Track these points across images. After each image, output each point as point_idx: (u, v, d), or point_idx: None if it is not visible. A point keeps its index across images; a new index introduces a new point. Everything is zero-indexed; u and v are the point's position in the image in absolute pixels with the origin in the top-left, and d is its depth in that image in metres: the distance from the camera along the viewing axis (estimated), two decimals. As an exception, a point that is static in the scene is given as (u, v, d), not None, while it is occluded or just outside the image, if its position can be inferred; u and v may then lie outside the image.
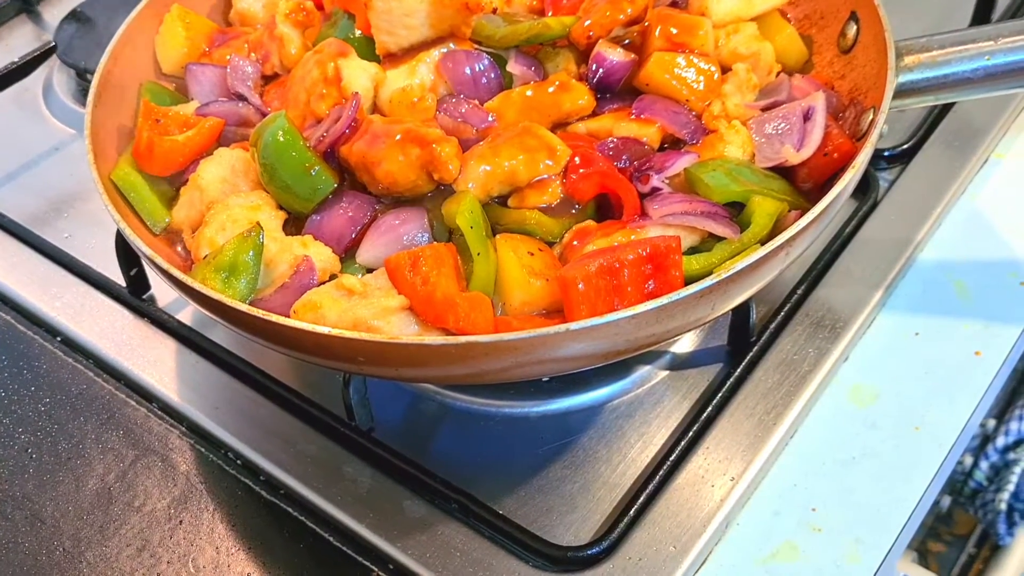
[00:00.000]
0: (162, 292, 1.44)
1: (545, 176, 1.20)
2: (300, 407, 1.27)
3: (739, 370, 1.25)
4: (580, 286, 1.04)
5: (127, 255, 1.40)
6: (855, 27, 1.32)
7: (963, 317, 1.33)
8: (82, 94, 1.76)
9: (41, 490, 1.23)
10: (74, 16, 1.82)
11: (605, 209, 1.22)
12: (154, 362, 1.36)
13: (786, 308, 1.32)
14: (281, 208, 1.24)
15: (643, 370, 1.30)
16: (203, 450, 1.25)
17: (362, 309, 1.07)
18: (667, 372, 1.29)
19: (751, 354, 1.27)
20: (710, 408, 1.22)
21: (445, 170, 1.18)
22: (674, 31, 1.30)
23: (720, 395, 1.23)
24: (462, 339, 0.99)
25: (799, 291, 1.34)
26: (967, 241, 1.42)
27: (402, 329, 1.07)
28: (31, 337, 1.40)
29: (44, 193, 1.61)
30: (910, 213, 1.43)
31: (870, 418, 1.24)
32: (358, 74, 1.30)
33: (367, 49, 1.35)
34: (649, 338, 1.05)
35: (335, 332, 1.01)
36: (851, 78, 1.30)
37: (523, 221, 1.18)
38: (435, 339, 1.00)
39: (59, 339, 1.40)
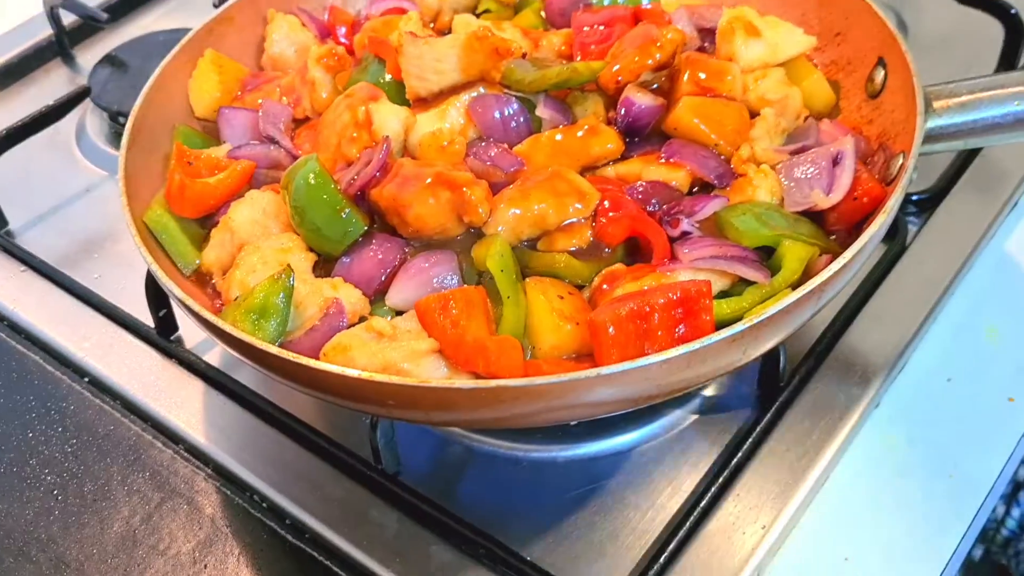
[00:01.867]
0: (190, 333, 1.43)
1: (575, 220, 1.19)
2: (327, 450, 1.26)
3: (769, 415, 1.23)
4: (610, 330, 1.03)
5: (156, 296, 1.39)
6: (883, 72, 1.31)
7: (995, 362, 1.30)
8: (115, 137, 1.76)
9: (66, 532, 1.22)
10: (108, 60, 1.84)
11: (634, 252, 1.21)
12: (181, 404, 1.34)
13: (816, 352, 1.30)
14: (311, 250, 1.23)
15: (672, 415, 1.28)
16: (229, 493, 1.23)
17: (392, 352, 1.06)
18: (696, 416, 1.27)
19: (781, 399, 1.25)
20: (740, 454, 1.20)
21: (475, 213, 1.17)
22: (702, 76, 1.29)
23: (750, 441, 1.21)
24: (492, 383, 0.98)
25: (828, 335, 1.32)
26: (998, 286, 1.40)
27: (432, 372, 1.06)
28: (59, 377, 1.39)
29: (75, 234, 1.62)
30: (939, 257, 1.41)
31: (903, 465, 1.21)
32: (389, 118, 1.30)
33: (397, 93, 1.35)
34: (680, 383, 1.04)
35: (365, 375, 1.00)
36: (879, 123, 1.29)
37: (553, 264, 1.17)
38: (465, 383, 0.99)
39: (87, 380, 1.39)
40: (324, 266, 1.24)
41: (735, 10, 1.39)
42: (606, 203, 1.19)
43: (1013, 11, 1.59)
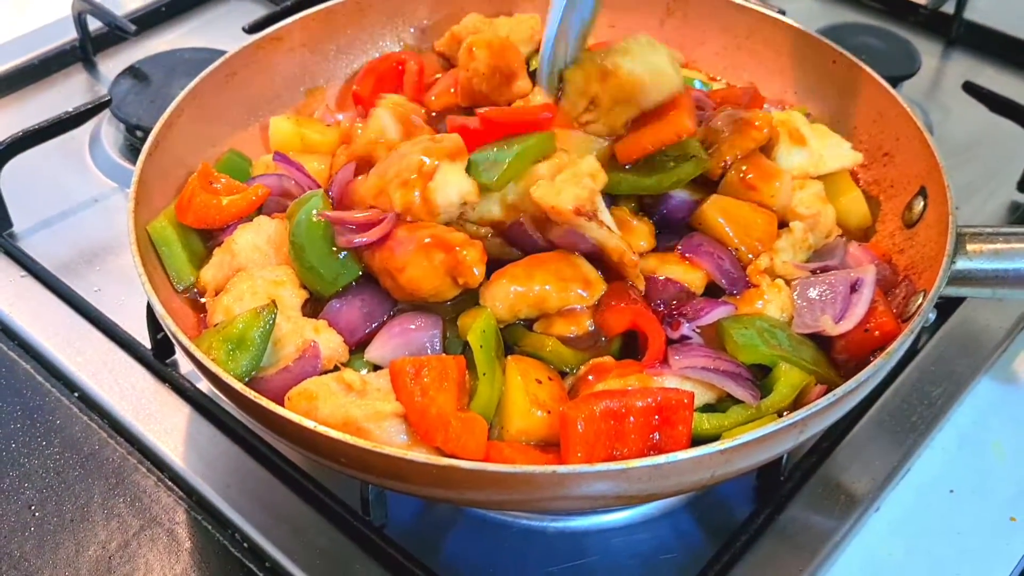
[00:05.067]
0: (186, 359, 1.42)
1: (576, 307, 1.20)
2: (315, 495, 1.28)
3: (767, 511, 1.23)
4: (579, 426, 1.05)
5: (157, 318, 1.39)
6: (922, 203, 1.34)
7: (999, 479, 1.31)
8: (129, 149, 1.79)
9: (40, 551, 1.22)
10: (131, 72, 1.88)
11: (629, 348, 1.22)
12: (170, 430, 1.35)
13: (820, 449, 1.31)
14: (304, 287, 1.25)
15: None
16: (210, 528, 1.24)
17: (355, 408, 1.09)
18: (693, 500, 1.27)
19: (780, 494, 1.25)
20: (734, 549, 1.20)
21: (470, 274, 1.19)
22: (749, 175, 1.29)
23: (745, 536, 1.21)
24: (443, 461, 1.00)
25: (835, 432, 1.33)
26: (1007, 401, 1.42)
27: (391, 436, 1.08)
28: (48, 389, 1.40)
29: (79, 243, 1.64)
30: (951, 364, 1.43)
31: (900, 572, 1.20)
32: (451, 186, 1.23)
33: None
34: (640, 492, 1.05)
35: (319, 429, 1.02)
36: (909, 254, 1.32)
37: (540, 347, 1.20)
38: (416, 455, 1.00)
39: (76, 395, 1.41)
40: (314, 305, 1.27)
41: (784, 114, 1.42)
42: (607, 294, 1.21)
43: (1045, 124, 1.62)
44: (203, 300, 1.31)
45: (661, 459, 0.98)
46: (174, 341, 1.14)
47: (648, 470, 0.98)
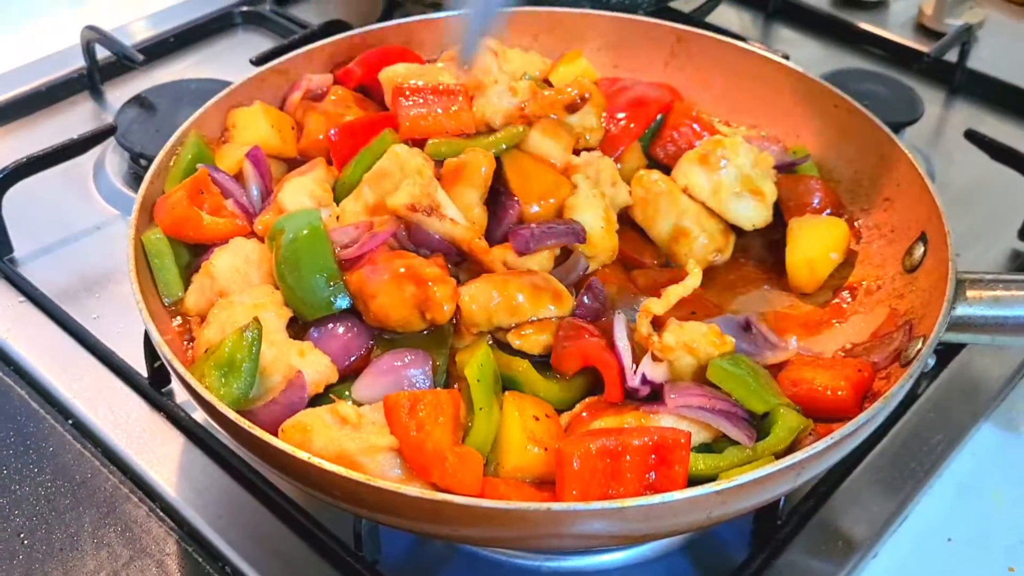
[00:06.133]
0: (182, 388, 1.41)
1: (548, 316, 1.23)
2: (308, 529, 1.26)
3: (763, 555, 1.22)
4: (575, 464, 1.04)
5: (153, 346, 1.38)
6: (923, 248, 1.34)
7: (998, 528, 1.29)
8: (133, 177, 1.79)
9: None
10: (137, 101, 1.88)
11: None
12: (163, 459, 1.34)
13: (817, 493, 1.29)
14: (287, 306, 1.25)
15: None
16: (200, 560, 1.23)
17: (350, 442, 1.08)
18: (689, 543, 1.25)
19: (777, 538, 1.23)
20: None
21: (439, 311, 1.19)
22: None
23: (742, 579, 1.19)
24: (437, 496, 0.99)
25: (833, 476, 1.32)
26: (1007, 449, 1.40)
27: (385, 471, 1.08)
28: (42, 416, 1.39)
29: (79, 271, 1.63)
30: (951, 411, 1.42)
31: (895, 623, 1.19)
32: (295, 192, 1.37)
33: None
34: (636, 532, 1.05)
35: (313, 460, 1.01)
36: (909, 299, 1.32)
37: (509, 368, 1.20)
38: (410, 489, 0.99)
39: (70, 422, 1.39)
40: (298, 325, 1.26)
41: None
42: (562, 332, 1.22)
43: (1046, 173, 1.62)
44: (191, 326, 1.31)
45: (657, 499, 0.97)
46: (169, 369, 1.14)
47: (644, 509, 0.97)
